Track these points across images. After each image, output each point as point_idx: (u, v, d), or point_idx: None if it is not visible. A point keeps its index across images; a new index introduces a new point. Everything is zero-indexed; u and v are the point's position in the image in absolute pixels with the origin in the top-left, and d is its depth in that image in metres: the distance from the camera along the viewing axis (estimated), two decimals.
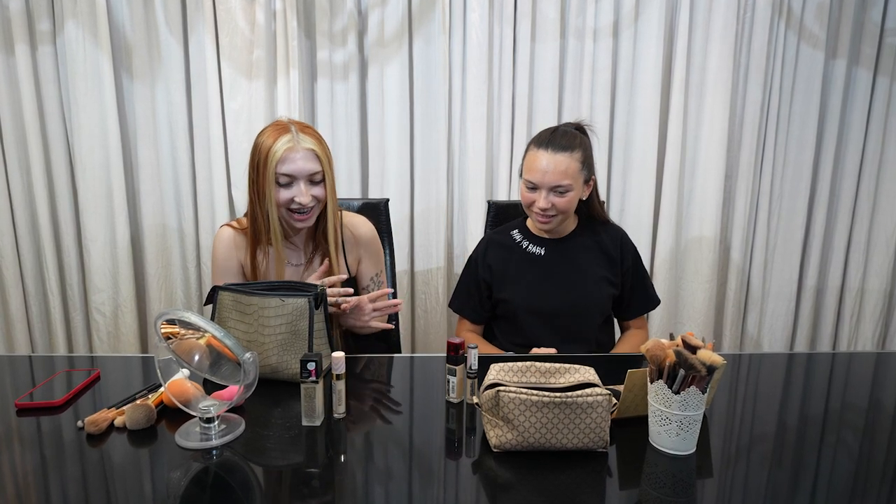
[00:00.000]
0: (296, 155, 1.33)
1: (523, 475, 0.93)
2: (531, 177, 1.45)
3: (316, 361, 1.04)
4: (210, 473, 0.94)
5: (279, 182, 1.34)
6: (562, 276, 1.53)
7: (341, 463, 0.97)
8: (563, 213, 1.48)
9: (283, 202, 1.36)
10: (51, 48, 2.15)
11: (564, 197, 1.45)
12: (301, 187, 1.35)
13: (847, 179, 2.38)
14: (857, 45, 2.28)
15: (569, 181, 1.43)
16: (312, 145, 1.35)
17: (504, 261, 1.57)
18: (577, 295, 1.52)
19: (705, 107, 2.26)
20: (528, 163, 1.47)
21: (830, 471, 0.96)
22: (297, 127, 1.36)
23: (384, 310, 1.42)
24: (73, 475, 0.93)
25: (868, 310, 2.48)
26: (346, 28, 2.18)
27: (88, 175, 2.20)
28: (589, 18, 2.18)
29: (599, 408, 0.96)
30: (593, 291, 1.53)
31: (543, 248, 1.56)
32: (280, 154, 1.32)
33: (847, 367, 1.39)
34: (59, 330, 2.33)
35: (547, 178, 1.42)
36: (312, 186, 1.37)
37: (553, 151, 1.43)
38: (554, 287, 1.53)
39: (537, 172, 1.43)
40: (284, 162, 1.32)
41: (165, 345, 1.07)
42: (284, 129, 1.35)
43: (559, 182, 1.42)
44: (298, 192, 1.35)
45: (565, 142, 1.44)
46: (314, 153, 1.35)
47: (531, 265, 1.55)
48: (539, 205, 1.45)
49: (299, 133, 1.35)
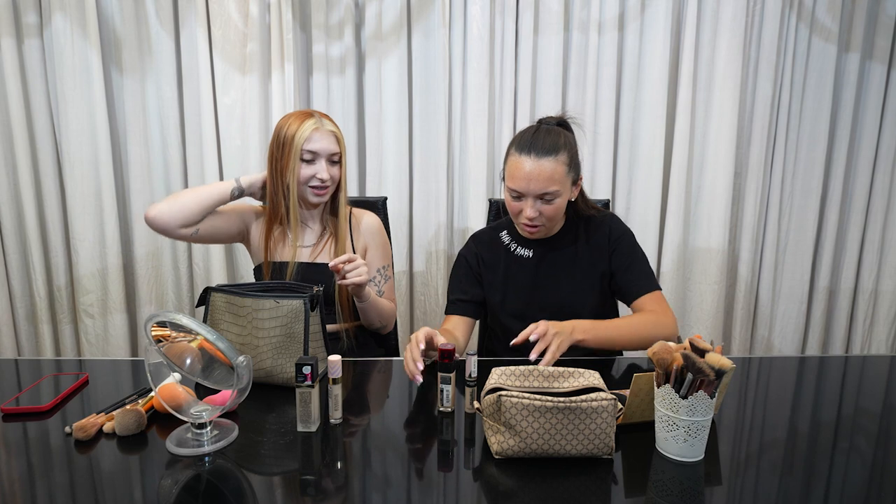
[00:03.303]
0: (321, 135, 1.52)
1: (526, 483, 0.93)
2: (515, 185, 1.38)
3: (312, 365, 1.04)
4: (202, 481, 0.94)
5: (304, 158, 1.51)
6: (550, 278, 1.51)
7: (338, 470, 0.97)
8: (552, 220, 1.44)
9: (305, 178, 1.52)
10: (38, 41, 2.15)
11: (552, 204, 1.39)
12: (323, 164, 1.52)
13: (860, 177, 2.38)
14: (871, 39, 2.28)
15: (556, 187, 1.36)
16: (334, 129, 1.56)
17: (492, 262, 1.56)
18: (567, 297, 1.50)
19: (714, 102, 2.27)
20: (511, 169, 1.39)
21: (843, 478, 0.96)
22: (318, 114, 1.56)
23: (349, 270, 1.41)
24: (60, 483, 0.93)
25: (882, 312, 2.48)
26: (342, 21, 2.18)
27: (77, 172, 2.20)
28: (594, 11, 2.18)
29: (604, 413, 0.96)
30: (584, 291, 1.50)
31: (531, 250, 1.53)
32: (308, 133, 1.50)
33: (860, 371, 1.39)
34: (45, 332, 2.34)
35: (532, 185, 1.35)
36: (331, 166, 1.54)
37: (537, 156, 1.35)
38: (542, 290, 1.51)
39: (521, 181, 1.36)
40: (311, 140, 1.50)
41: (156, 348, 1.07)
42: (309, 115, 1.54)
43: (546, 189, 1.36)
44: (320, 169, 1.52)
45: (549, 144, 1.37)
46: (335, 136, 1.55)
47: (519, 268, 1.53)
48: (526, 214, 1.39)
49: (322, 118, 1.55)
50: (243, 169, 2.23)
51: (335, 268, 1.37)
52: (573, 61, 2.24)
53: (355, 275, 1.38)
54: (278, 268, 1.57)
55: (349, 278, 1.38)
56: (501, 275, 1.54)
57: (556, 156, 1.36)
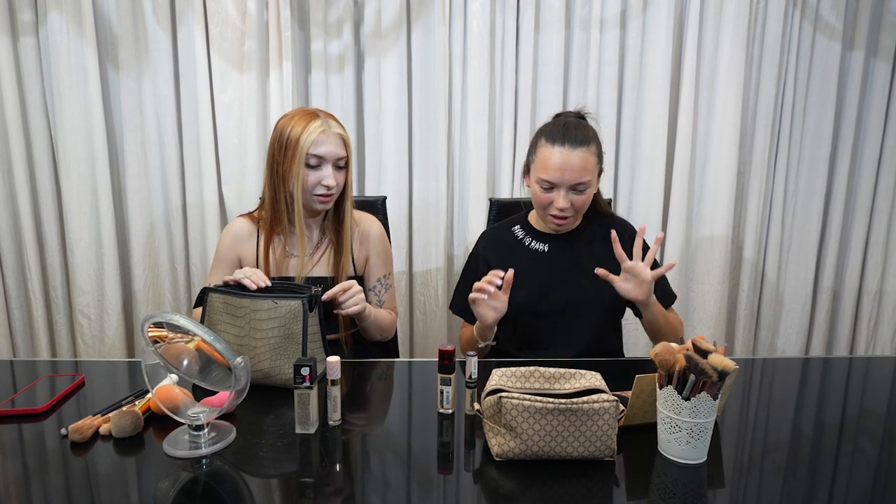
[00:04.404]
0: (328, 139, 1.43)
1: (527, 485, 0.93)
2: (548, 175, 1.40)
3: (310, 366, 1.04)
4: (200, 483, 0.94)
5: (309, 164, 1.43)
6: (566, 272, 1.53)
7: (336, 472, 0.97)
8: (581, 211, 1.47)
9: (310, 184, 1.44)
10: (33, 39, 2.15)
11: (584, 194, 1.43)
12: (329, 170, 1.44)
13: (865, 176, 2.38)
14: (876, 36, 2.28)
15: (588, 177, 1.41)
16: (341, 131, 1.47)
17: (505, 261, 1.56)
18: (581, 293, 1.51)
19: (717, 101, 2.27)
20: (542, 160, 1.42)
21: (848, 480, 0.96)
22: (323, 114, 1.47)
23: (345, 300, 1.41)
24: (56, 485, 0.93)
25: (887, 313, 2.48)
26: (341, 18, 2.18)
27: (73, 172, 2.20)
28: (595, 8, 2.18)
29: (606, 415, 0.96)
30: (598, 289, 1.51)
31: (547, 244, 1.55)
32: (314, 137, 1.41)
33: (865, 373, 1.39)
34: (41, 334, 2.33)
35: (567, 175, 1.39)
36: (337, 171, 1.47)
37: (570, 147, 1.39)
38: (558, 284, 1.52)
39: (555, 171, 1.39)
40: (317, 144, 1.42)
41: (153, 349, 1.07)
42: (314, 115, 1.45)
43: (580, 179, 1.39)
44: (326, 175, 1.44)
45: (581, 135, 1.41)
46: (342, 139, 1.46)
47: (534, 262, 1.54)
48: (558, 205, 1.42)
49: (328, 119, 1.46)
50: (241, 168, 2.23)
51: (331, 298, 1.35)
52: (575, 59, 2.24)
53: (352, 303, 1.37)
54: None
55: (346, 309, 1.37)
56: (515, 268, 1.55)
57: (588, 147, 1.41)
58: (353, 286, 1.38)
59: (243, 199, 2.25)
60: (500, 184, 2.31)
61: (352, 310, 1.38)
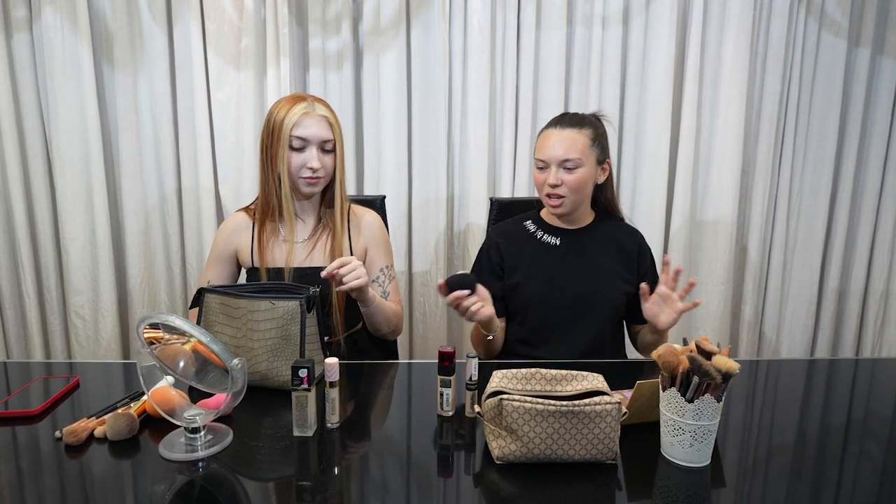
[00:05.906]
0: (311, 120, 1.45)
1: (528, 489, 0.93)
2: (540, 155, 1.51)
3: (308, 368, 1.04)
4: (196, 487, 0.94)
5: (293, 146, 1.45)
6: (577, 266, 1.56)
7: (335, 476, 0.97)
8: (575, 192, 1.50)
9: (295, 166, 1.47)
10: (27, 35, 2.15)
11: (574, 174, 1.48)
12: (314, 152, 1.46)
13: (871, 175, 2.38)
14: (882, 33, 2.28)
15: (577, 155, 1.47)
16: (327, 114, 1.48)
17: (517, 251, 1.59)
18: (591, 286, 1.55)
19: (720, 98, 2.27)
20: (539, 143, 1.54)
21: (853, 483, 0.96)
22: (312, 98, 1.49)
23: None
24: (50, 488, 0.93)
25: (893, 313, 2.48)
26: (339, 15, 2.18)
27: (67, 170, 2.19)
28: (597, 5, 2.18)
29: (608, 417, 0.96)
30: (607, 284, 1.55)
31: (559, 238, 1.58)
32: (296, 118, 1.44)
33: (871, 374, 1.40)
34: (35, 335, 2.33)
35: (555, 151, 1.48)
36: (324, 155, 1.48)
37: (562, 127, 1.50)
38: (568, 276, 1.55)
39: (546, 149, 1.50)
40: (300, 126, 1.44)
41: (148, 350, 1.07)
42: (301, 98, 1.48)
43: (567, 156, 1.47)
44: (311, 157, 1.46)
45: (576, 119, 1.51)
46: (328, 121, 1.48)
47: (546, 254, 1.58)
48: (548, 181, 1.49)
49: (314, 102, 1.48)
50: (238, 167, 2.23)
51: (329, 275, 1.31)
52: (576, 57, 2.24)
53: (353, 277, 1.31)
54: (273, 275, 1.51)
55: (347, 283, 1.31)
56: (526, 260, 1.59)
57: (579, 129, 1.50)
58: (352, 260, 1.33)
59: (240, 198, 2.25)
60: (500, 183, 2.30)
61: (353, 283, 1.31)
